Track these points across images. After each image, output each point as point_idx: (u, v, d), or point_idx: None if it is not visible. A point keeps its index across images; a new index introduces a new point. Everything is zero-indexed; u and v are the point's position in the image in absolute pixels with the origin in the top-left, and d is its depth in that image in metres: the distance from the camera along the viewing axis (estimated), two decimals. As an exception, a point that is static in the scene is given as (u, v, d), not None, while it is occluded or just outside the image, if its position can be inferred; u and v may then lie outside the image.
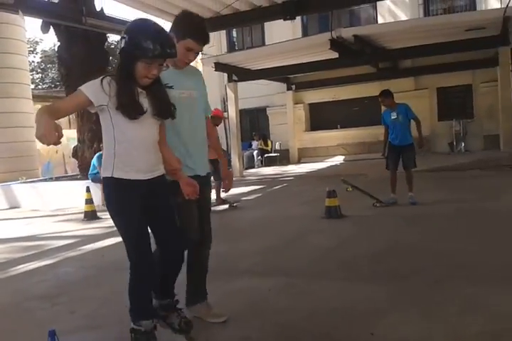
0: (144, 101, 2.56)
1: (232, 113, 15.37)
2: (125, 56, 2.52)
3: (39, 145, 18.27)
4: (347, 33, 12.52)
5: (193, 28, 2.89)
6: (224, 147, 17.22)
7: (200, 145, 3.07)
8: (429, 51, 13.61)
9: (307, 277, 4.09)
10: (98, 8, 10.91)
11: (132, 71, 2.51)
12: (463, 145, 16.60)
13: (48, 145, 2.19)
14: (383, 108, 7.76)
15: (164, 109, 2.64)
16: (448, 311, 3.07)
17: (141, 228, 2.62)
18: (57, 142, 2.16)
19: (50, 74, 35.25)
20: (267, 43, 18.68)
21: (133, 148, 2.56)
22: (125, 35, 2.49)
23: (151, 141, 2.64)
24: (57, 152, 19.61)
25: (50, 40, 46.16)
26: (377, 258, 4.49)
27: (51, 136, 2.13)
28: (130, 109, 2.49)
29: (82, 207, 8.66)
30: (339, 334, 2.85)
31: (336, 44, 12.58)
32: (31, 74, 24.99)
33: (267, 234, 6.10)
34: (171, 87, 2.78)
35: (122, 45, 2.50)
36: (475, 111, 17.06)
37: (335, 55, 13.30)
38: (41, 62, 35.17)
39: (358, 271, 4.16)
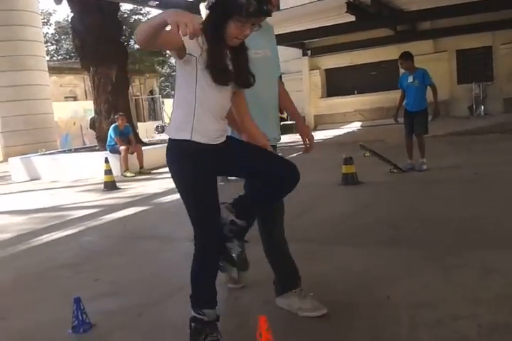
0: (228, 65, 2.30)
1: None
2: (216, 14, 2.22)
3: (56, 117, 18.41)
4: (363, -5, 12.26)
5: None
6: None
7: (275, 109, 2.84)
8: (448, 12, 13.27)
9: (325, 243, 4.13)
10: (110, -23, 10.80)
11: (223, 31, 2.21)
12: (482, 108, 16.34)
13: (188, 33, 1.89)
14: (402, 72, 7.63)
15: (244, 77, 2.36)
16: (466, 275, 3.08)
17: (210, 195, 2.38)
18: (197, 32, 1.90)
19: (64, 45, 35.20)
20: (281, 8, 18.31)
21: (213, 113, 2.32)
22: None
23: (227, 108, 2.41)
24: (74, 124, 19.76)
25: (64, 11, 45.83)
26: (395, 224, 4.49)
27: (196, 23, 1.88)
28: (219, 75, 2.24)
29: (101, 177, 8.76)
30: (355, 298, 2.89)
31: (352, 7, 12.34)
32: (46, 46, 24.92)
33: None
34: None
35: (213, 1, 2.21)
36: (495, 74, 16.73)
37: (351, 18, 13.07)
38: (55, 33, 35.09)
39: (375, 237, 4.17)
